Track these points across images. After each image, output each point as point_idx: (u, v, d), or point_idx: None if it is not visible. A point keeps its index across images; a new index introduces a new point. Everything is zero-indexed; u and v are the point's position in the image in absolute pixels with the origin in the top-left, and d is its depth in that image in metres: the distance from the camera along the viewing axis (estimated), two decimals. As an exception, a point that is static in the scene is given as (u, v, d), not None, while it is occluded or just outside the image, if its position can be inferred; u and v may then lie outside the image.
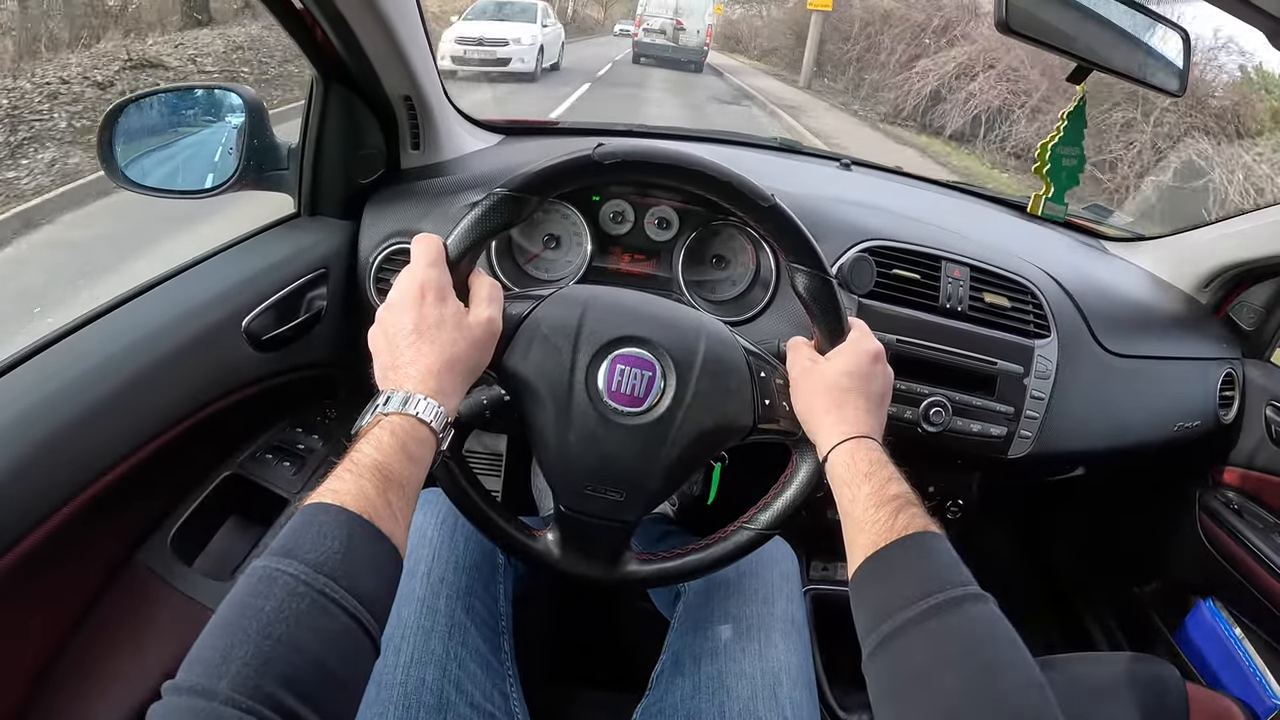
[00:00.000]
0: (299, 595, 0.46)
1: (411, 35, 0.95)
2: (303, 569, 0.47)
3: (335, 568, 0.48)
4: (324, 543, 0.49)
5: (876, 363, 0.72)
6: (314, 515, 0.51)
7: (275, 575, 0.47)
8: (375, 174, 1.07)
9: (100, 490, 0.74)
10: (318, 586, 0.47)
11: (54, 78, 5.76)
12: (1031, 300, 1.10)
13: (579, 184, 0.71)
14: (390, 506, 0.54)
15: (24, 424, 0.68)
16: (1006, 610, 0.55)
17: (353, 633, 0.48)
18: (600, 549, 0.75)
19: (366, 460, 0.55)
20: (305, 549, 0.49)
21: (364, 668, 0.50)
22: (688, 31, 17.86)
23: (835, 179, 1.44)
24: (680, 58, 17.82)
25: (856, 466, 0.64)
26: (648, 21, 17.88)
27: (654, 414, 0.70)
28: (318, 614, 0.46)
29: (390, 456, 0.56)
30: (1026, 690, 0.50)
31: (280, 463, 0.99)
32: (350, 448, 0.57)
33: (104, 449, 0.74)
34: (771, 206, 0.70)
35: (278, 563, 0.48)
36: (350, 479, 0.53)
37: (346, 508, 0.51)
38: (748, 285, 1.10)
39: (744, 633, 0.82)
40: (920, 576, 0.56)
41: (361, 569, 0.50)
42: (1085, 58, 0.90)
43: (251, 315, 0.90)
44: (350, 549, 0.50)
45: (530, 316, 0.70)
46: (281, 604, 0.45)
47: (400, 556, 0.54)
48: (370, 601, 0.49)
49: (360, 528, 0.51)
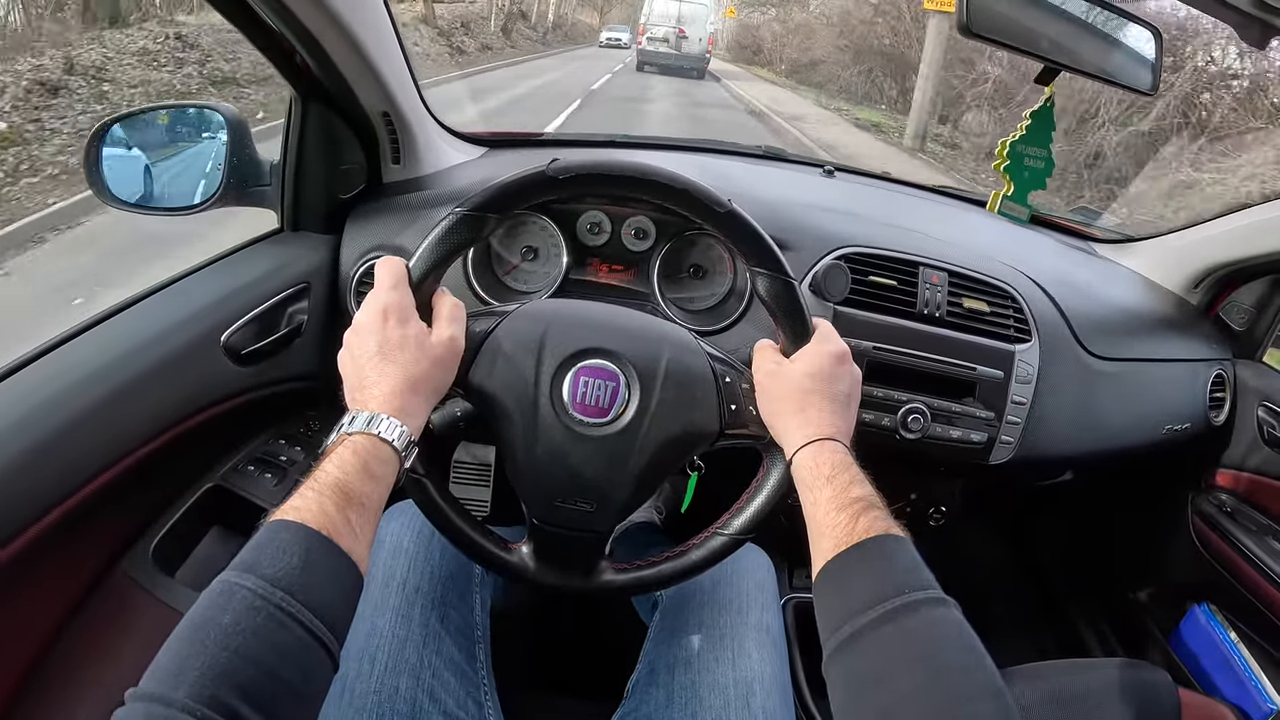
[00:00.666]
0: (256, 609, 0.47)
1: (385, 53, 0.96)
2: (260, 584, 0.48)
3: (293, 583, 0.49)
4: (282, 558, 0.50)
5: (841, 363, 0.71)
6: (275, 532, 0.52)
7: (234, 589, 0.48)
8: (356, 189, 1.08)
9: (82, 501, 0.75)
10: (274, 601, 0.48)
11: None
12: (1012, 305, 1.09)
13: (536, 199, 0.71)
14: (350, 524, 0.55)
15: (8, 436, 0.70)
16: (999, 616, 0.55)
17: (309, 646, 0.49)
18: (575, 560, 0.75)
19: (328, 479, 0.56)
20: (264, 564, 0.50)
21: (321, 681, 0.51)
22: (690, 39, 18.36)
23: (817, 186, 1.44)
24: (683, 65, 18.33)
25: (819, 469, 0.64)
26: (651, 30, 18.45)
27: (620, 424, 0.71)
28: (274, 628, 0.47)
29: (352, 475, 0.57)
30: (980, 697, 0.49)
31: (262, 474, 1.00)
32: (315, 466, 0.58)
33: (85, 461, 0.76)
34: (729, 212, 0.70)
35: (237, 577, 0.49)
36: (312, 496, 0.55)
37: (306, 524, 0.52)
38: (724, 295, 1.10)
39: (717, 642, 0.82)
40: (878, 580, 0.56)
41: (319, 584, 0.51)
42: (1052, 58, 0.90)
43: (231, 330, 0.91)
44: (308, 564, 0.51)
45: (494, 333, 0.71)
46: (239, 617, 0.47)
47: (360, 573, 0.55)
48: (327, 616, 0.50)
49: (319, 544, 0.52)
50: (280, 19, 0.83)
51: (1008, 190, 1.02)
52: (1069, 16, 0.90)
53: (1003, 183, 1.02)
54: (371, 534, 0.58)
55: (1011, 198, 1.02)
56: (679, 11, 18.19)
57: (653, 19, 18.47)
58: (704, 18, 18.61)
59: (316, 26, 0.85)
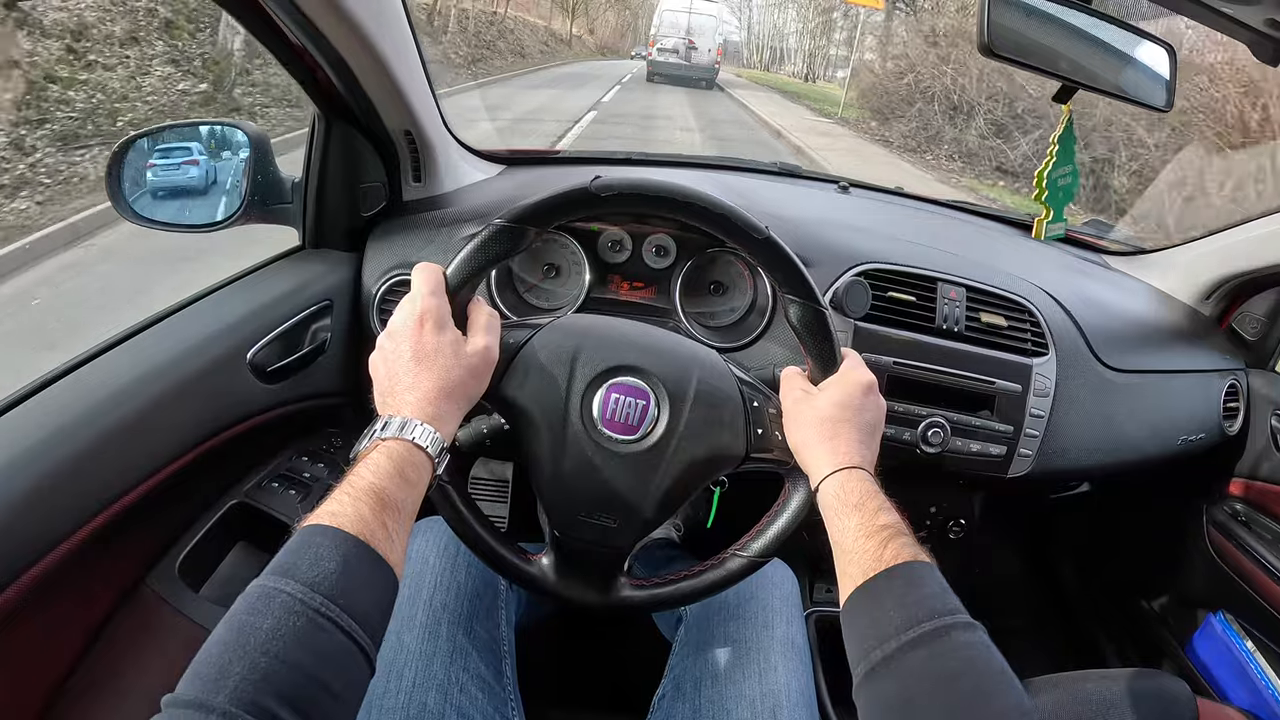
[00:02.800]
0: (295, 613, 0.48)
1: (410, 73, 0.97)
2: (300, 588, 0.49)
3: (331, 587, 0.49)
4: (321, 563, 0.50)
5: (869, 394, 0.72)
6: (311, 537, 0.52)
7: (273, 594, 0.48)
8: (378, 206, 1.09)
9: (110, 518, 0.75)
10: (314, 605, 0.48)
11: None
12: (1029, 319, 1.10)
13: (576, 215, 0.72)
14: (386, 529, 0.55)
15: (37, 453, 0.70)
16: (1017, 627, 0.56)
17: (348, 650, 0.49)
18: (594, 574, 0.76)
19: (363, 484, 0.56)
20: (302, 569, 0.50)
21: (359, 685, 0.51)
22: (699, 50, 18.68)
23: (834, 202, 1.45)
24: (692, 75, 18.61)
25: (847, 497, 0.65)
26: (661, 41, 18.71)
27: (647, 442, 0.72)
28: (314, 632, 0.48)
29: (387, 480, 0.57)
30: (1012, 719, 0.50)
31: (286, 490, 1.01)
32: (348, 471, 0.58)
33: (113, 478, 0.76)
34: (766, 240, 0.71)
35: (276, 582, 0.49)
36: (348, 501, 0.55)
37: (344, 530, 0.53)
38: (745, 312, 1.11)
39: (743, 656, 0.82)
40: (907, 606, 0.57)
41: (357, 589, 0.51)
42: (1071, 77, 0.91)
43: (257, 347, 0.92)
44: (346, 570, 0.51)
45: (527, 345, 0.72)
46: (279, 622, 0.47)
47: (396, 578, 0.55)
48: (365, 621, 0.51)
49: (356, 549, 0.53)
50: (309, 39, 0.84)
51: (1047, 216, 1.03)
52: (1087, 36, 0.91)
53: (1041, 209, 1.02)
54: (405, 540, 0.58)
55: (1051, 221, 1.03)
56: (689, 23, 18.55)
57: (663, 30, 18.80)
58: (713, 29, 19.03)
59: (345, 46, 0.86)
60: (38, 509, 0.69)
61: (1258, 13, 0.81)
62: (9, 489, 0.67)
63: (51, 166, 4.51)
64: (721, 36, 19.98)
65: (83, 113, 5.05)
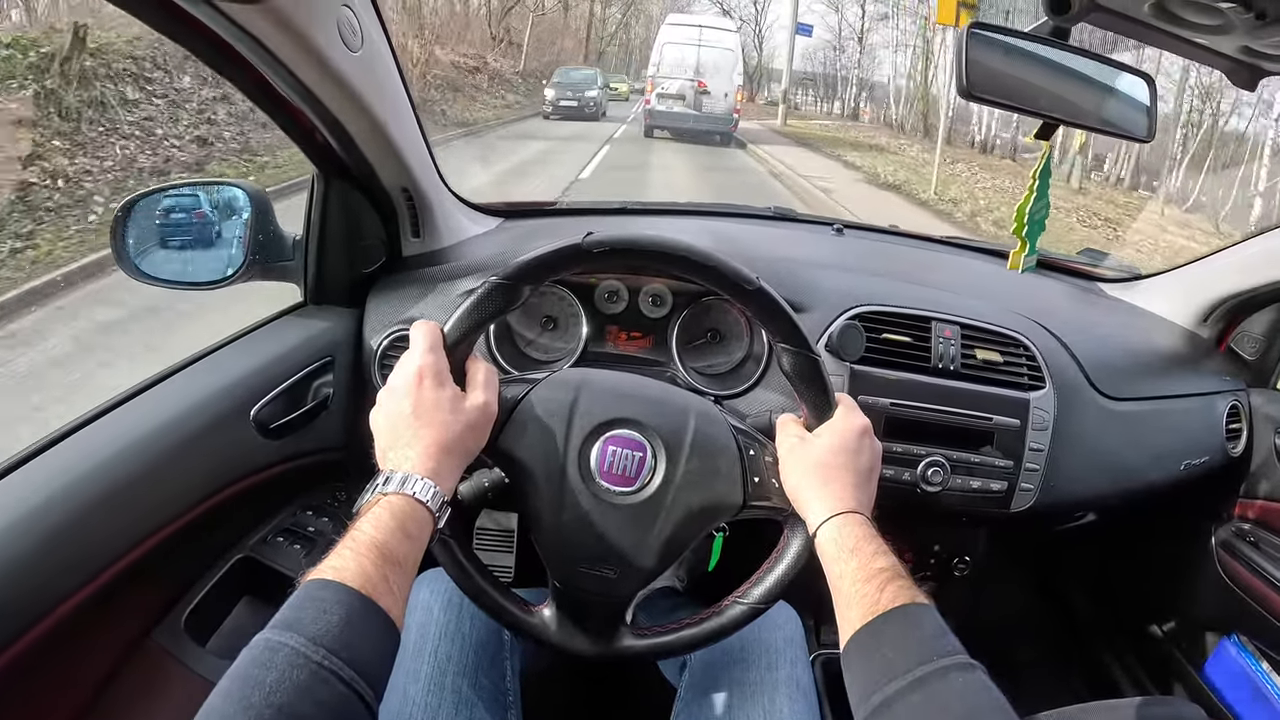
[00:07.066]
0: (299, 666, 0.49)
1: (405, 132, 0.99)
2: (303, 642, 0.50)
3: (334, 641, 0.51)
4: (324, 617, 0.52)
5: (864, 437, 0.73)
6: (315, 591, 0.54)
7: (277, 648, 0.50)
8: (377, 262, 1.11)
9: (116, 574, 0.77)
10: (316, 659, 0.49)
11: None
12: (1024, 353, 1.10)
13: (569, 271, 0.74)
14: (388, 582, 0.56)
15: (43, 511, 0.72)
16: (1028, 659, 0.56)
17: (351, 702, 0.50)
18: (595, 624, 0.76)
19: (365, 538, 0.58)
20: (306, 623, 0.51)
21: None
22: (713, 95, 14.10)
23: (828, 245, 1.46)
24: (702, 127, 14.13)
25: (844, 542, 0.66)
26: (662, 85, 14.14)
27: (645, 493, 0.72)
28: (317, 685, 0.49)
29: (389, 535, 0.58)
30: None
31: (291, 545, 1.01)
32: (351, 525, 0.60)
33: (119, 535, 0.78)
34: (757, 289, 0.72)
35: (279, 635, 0.50)
36: (350, 556, 0.56)
37: (346, 584, 0.54)
38: (741, 359, 1.12)
39: (749, 698, 0.82)
40: (906, 648, 0.58)
41: (359, 642, 0.52)
42: (1051, 114, 0.92)
43: (260, 404, 0.94)
44: (349, 623, 0.52)
45: (525, 399, 0.73)
46: (282, 675, 0.48)
47: (397, 631, 0.56)
48: (368, 673, 0.52)
49: (359, 603, 0.54)
50: (305, 102, 0.86)
51: (1023, 249, 1.04)
52: (1066, 70, 0.91)
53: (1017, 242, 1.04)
54: (407, 593, 0.59)
55: (1027, 254, 1.04)
56: (698, 59, 14.16)
57: (663, 69, 14.24)
58: (730, 66, 14.29)
59: (340, 109, 0.88)
60: (45, 565, 0.70)
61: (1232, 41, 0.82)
62: (17, 546, 0.69)
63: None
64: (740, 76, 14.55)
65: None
